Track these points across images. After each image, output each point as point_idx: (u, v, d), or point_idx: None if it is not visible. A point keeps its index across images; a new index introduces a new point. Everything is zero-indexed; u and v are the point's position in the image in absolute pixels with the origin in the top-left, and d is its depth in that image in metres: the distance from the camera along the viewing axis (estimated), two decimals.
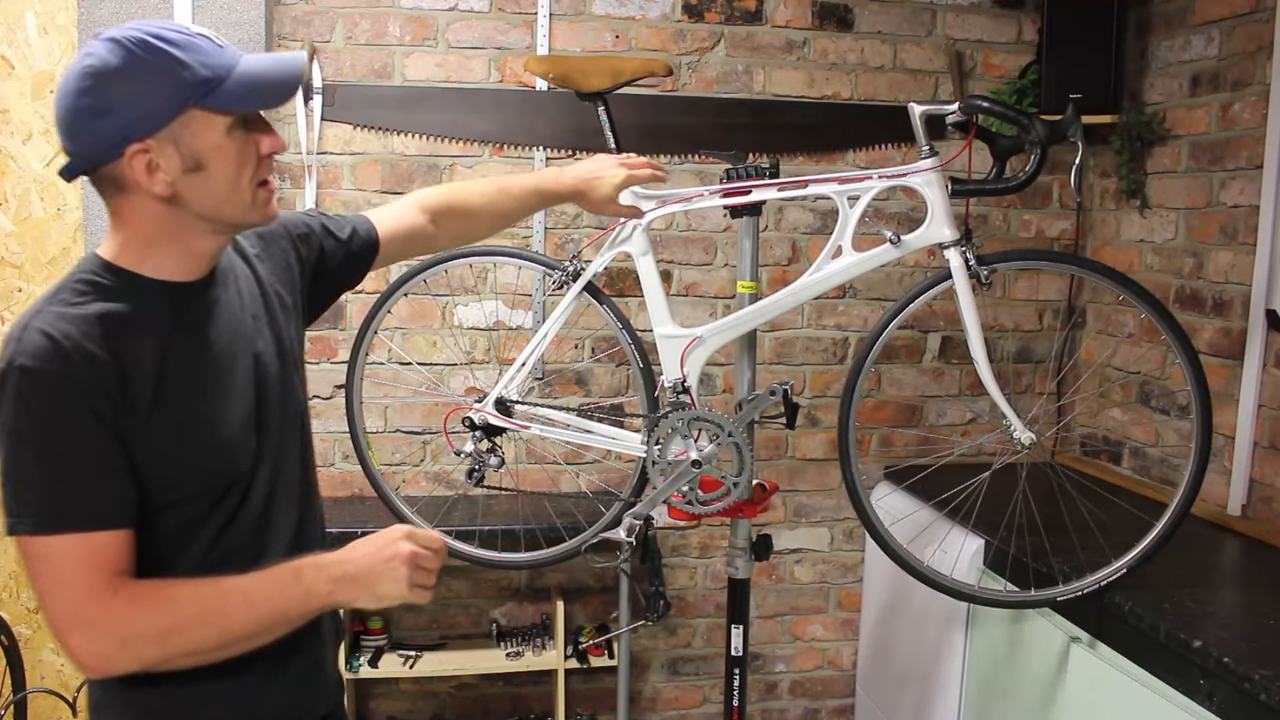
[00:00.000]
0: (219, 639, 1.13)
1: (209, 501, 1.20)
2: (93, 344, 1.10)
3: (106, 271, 1.17)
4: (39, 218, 2.50)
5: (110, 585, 1.09)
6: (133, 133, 1.10)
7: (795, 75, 2.79)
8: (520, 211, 1.76)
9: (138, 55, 1.10)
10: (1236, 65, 2.37)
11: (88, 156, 1.13)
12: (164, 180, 1.12)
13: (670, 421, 1.87)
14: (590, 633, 2.81)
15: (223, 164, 1.15)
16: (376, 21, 2.61)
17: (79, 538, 1.09)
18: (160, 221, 1.16)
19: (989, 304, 2.91)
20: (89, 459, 1.10)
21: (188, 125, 1.12)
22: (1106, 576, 1.87)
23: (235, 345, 1.24)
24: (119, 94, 1.10)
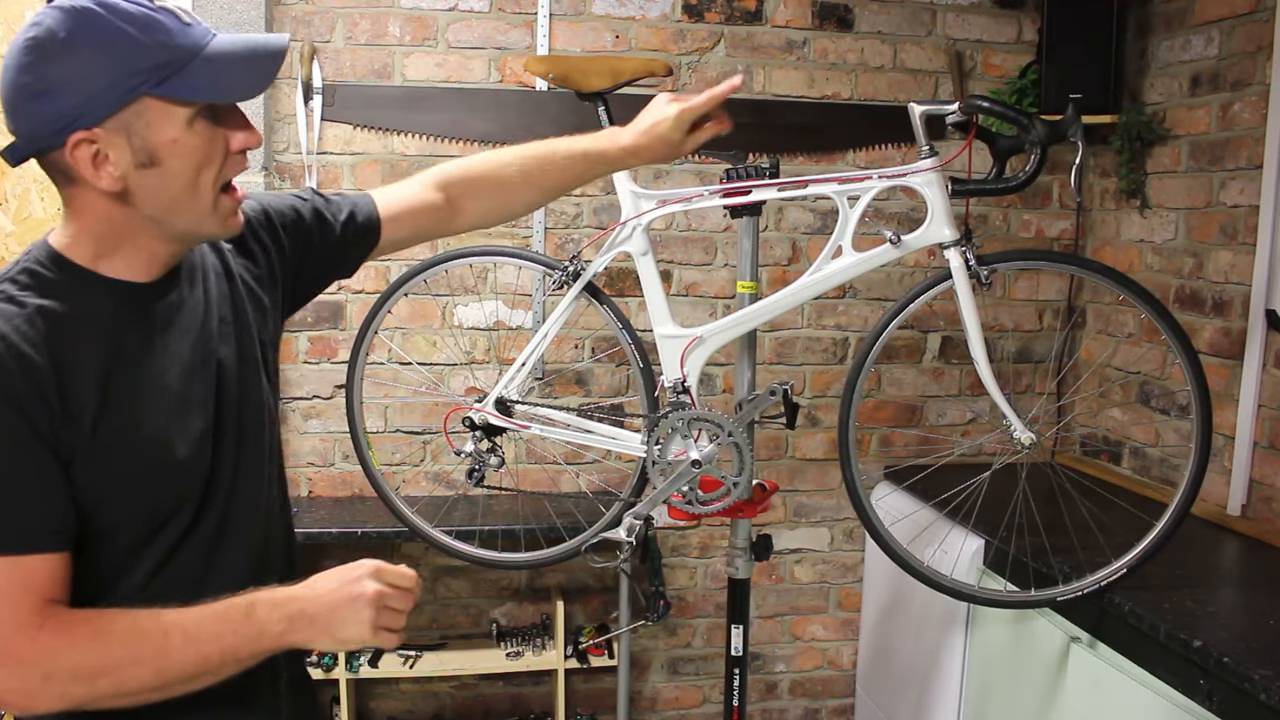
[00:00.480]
0: (155, 679, 1.00)
1: (155, 523, 1.08)
2: (29, 345, 0.97)
3: (54, 264, 1.03)
4: (39, 218, 2.50)
5: (38, 614, 0.97)
6: (77, 119, 0.96)
7: (795, 75, 2.79)
8: (567, 182, 1.51)
9: (85, 28, 0.95)
10: (1236, 65, 2.37)
11: (30, 140, 0.99)
12: (111, 174, 0.99)
13: (670, 421, 1.87)
14: (590, 633, 2.81)
15: (180, 161, 1.01)
16: (376, 21, 2.61)
17: (7, 561, 0.97)
18: (111, 219, 1.03)
19: (989, 304, 2.91)
20: (19, 474, 0.97)
21: (141, 114, 0.98)
22: (1106, 576, 1.87)
23: (195, 353, 1.11)
24: (62, 72, 0.95)
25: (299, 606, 1.04)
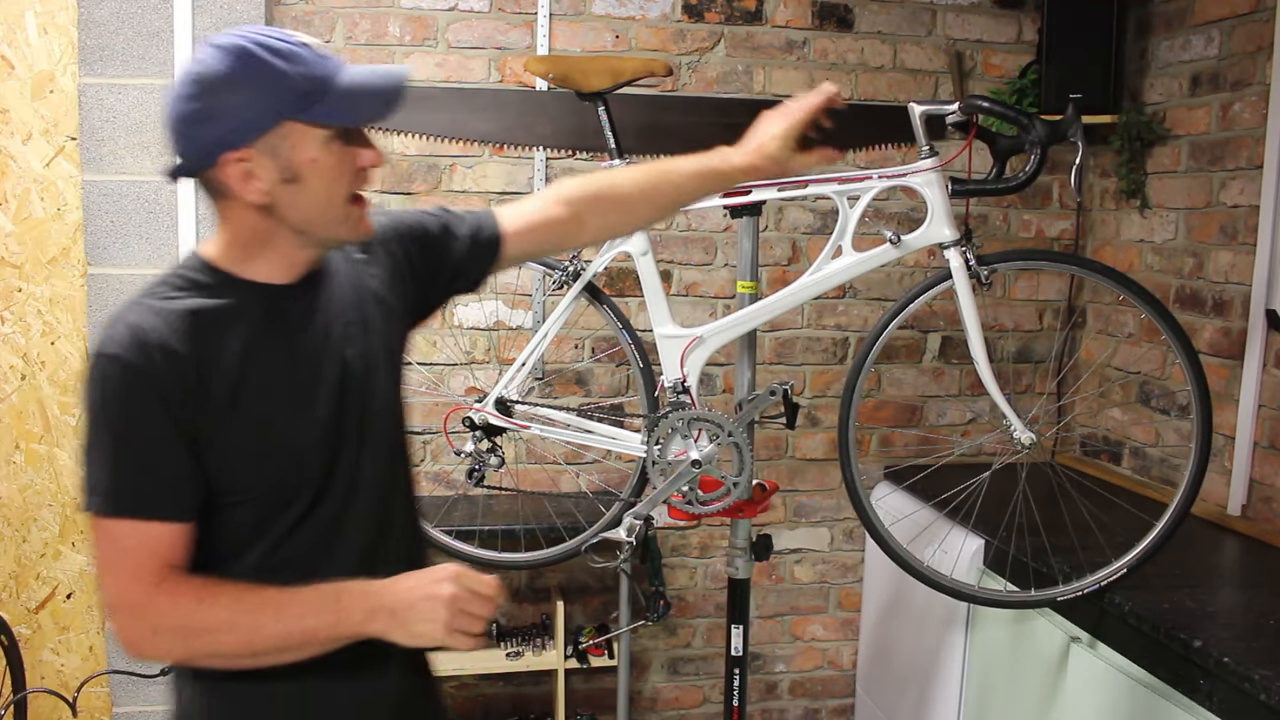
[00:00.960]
0: (246, 648, 1.13)
1: (276, 504, 1.19)
2: (176, 340, 1.11)
3: (204, 270, 1.18)
4: (39, 218, 2.50)
5: (157, 575, 1.11)
6: (230, 141, 1.11)
7: (795, 75, 2.79)
8: (682, 199, 1.57)
9: (241, 65, 1.10)
10: (1236, 65, 2.37)
11: (189, 161, 1.14)
12: (259, 189, 1.13)
13: (670, 421, 1.87)
14: (590, 633, 2.81)
15: (318, 177, 1.14)
16: (376, 21, 2.61)
17: (136, 525, 1.11)
18: (256, 229, 1.17)
19: (989, 304, 2.91)
20: (156, 451, 1.11)
21: (286, 137, 1.12)
22: (1106, 576, 1.87)
23: (324, 351, 1.22)
24: (220, 103, 1.10)
25: (380, 601, 1.14)
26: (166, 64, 2.41)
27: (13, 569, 2.59)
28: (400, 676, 1.30)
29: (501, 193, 2.70)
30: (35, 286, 2.52)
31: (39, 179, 2.49)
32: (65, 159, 2.49)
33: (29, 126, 2.47)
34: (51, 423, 2.56)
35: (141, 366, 1.10)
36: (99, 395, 1.11)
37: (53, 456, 2.57)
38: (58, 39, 2.45)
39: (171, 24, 2.40)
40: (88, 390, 1.12)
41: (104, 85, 2.41)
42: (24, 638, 2.59)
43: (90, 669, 2.62)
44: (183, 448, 1.12)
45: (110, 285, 2.45)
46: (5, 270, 2.51)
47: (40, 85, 2.46)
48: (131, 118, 2.42)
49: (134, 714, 2.58)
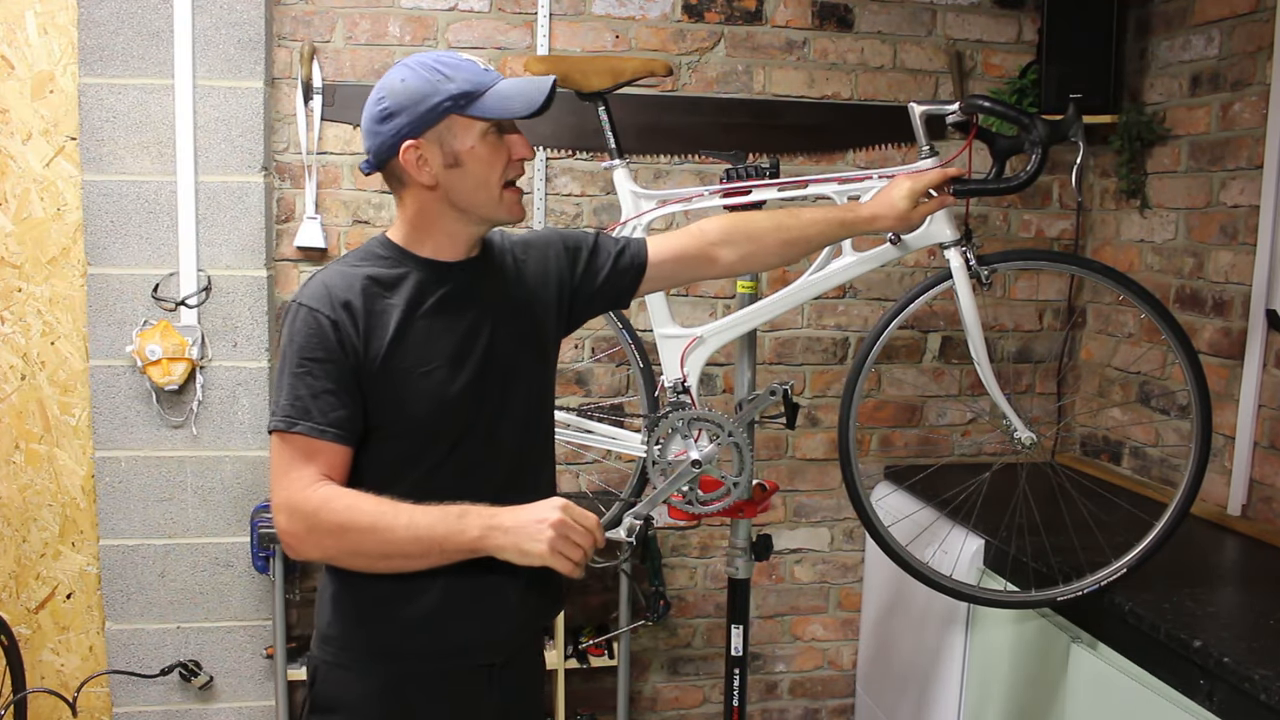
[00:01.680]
0: (382, 549, 1.33)
1: (419, 445, 1.41)
2: (354, 297, 1.38)
3: (386, 246, 1.45)
4: (39, 218, 2.50)
5: (317, 482, 1.34)
6: (408, 133, 1.36)
7: (795, 75, 2.79)
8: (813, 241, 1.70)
9: (418, 74, 1.37)
10: (1236, 65, 2.37)
11: (378, 153, 1.40)
12: (429, 172, 1.38)
13: (670, 421, 1.87)
14: (590, 633, 2.81)
15: (475, 163, 1.39)
16: (376, 21, 2.61)
17: (306, 441, 1.35)
18: (428, 208, 1.42)
19: (989, 304, 2.91)
20: (328, 382, 1.35)
21: (450, 128, 1.37)
22: (1106, 576, 1.87)
23: (477, 322, 1.45)
24: (401, 103, 1.36)
25: (497, 520, 1.34)
26: (166, 64, 2.41)
27: (13, 569, 2.59)
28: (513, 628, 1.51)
29: None
30: (35, 286, 2.52)
31: (39, 179, 2.49)
32: (65, 159, 2.49)
33: (29, 126, 2.47)
34: (51, 423, 2.56)
35: (325, 315, 1.36)
36: (290, 334, 1.38)
37: (53, 456, 2.57)
38: (58, 39, 2.45)
39: (171, 24, 2.40)
40: (284, 330, 1.39)
41: (104, 85, 2.41)
42: (24, 638, 2.59)
43: (90, 669, 2.62)
44: (350, 383, 1.36)
45: (110, 285, 2.45)
46: (5, 270, 2.51)
47: (40, 85, 2.46)
48: (131, 118, 2.42)
49: (134, 714, 2.58)
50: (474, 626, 1.46)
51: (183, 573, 2.56)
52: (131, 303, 2.46)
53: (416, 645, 1.44)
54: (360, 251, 1.46)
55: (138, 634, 2.56)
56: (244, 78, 2.45)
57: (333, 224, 2.64)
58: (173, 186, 2.45)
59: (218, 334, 2.52)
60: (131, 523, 2.53)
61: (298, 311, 1.38)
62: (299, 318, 1.38)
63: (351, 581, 1.43)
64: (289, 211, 2.62)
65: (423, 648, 1.44)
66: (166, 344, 2.43)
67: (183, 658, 2.57)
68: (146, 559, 2.54)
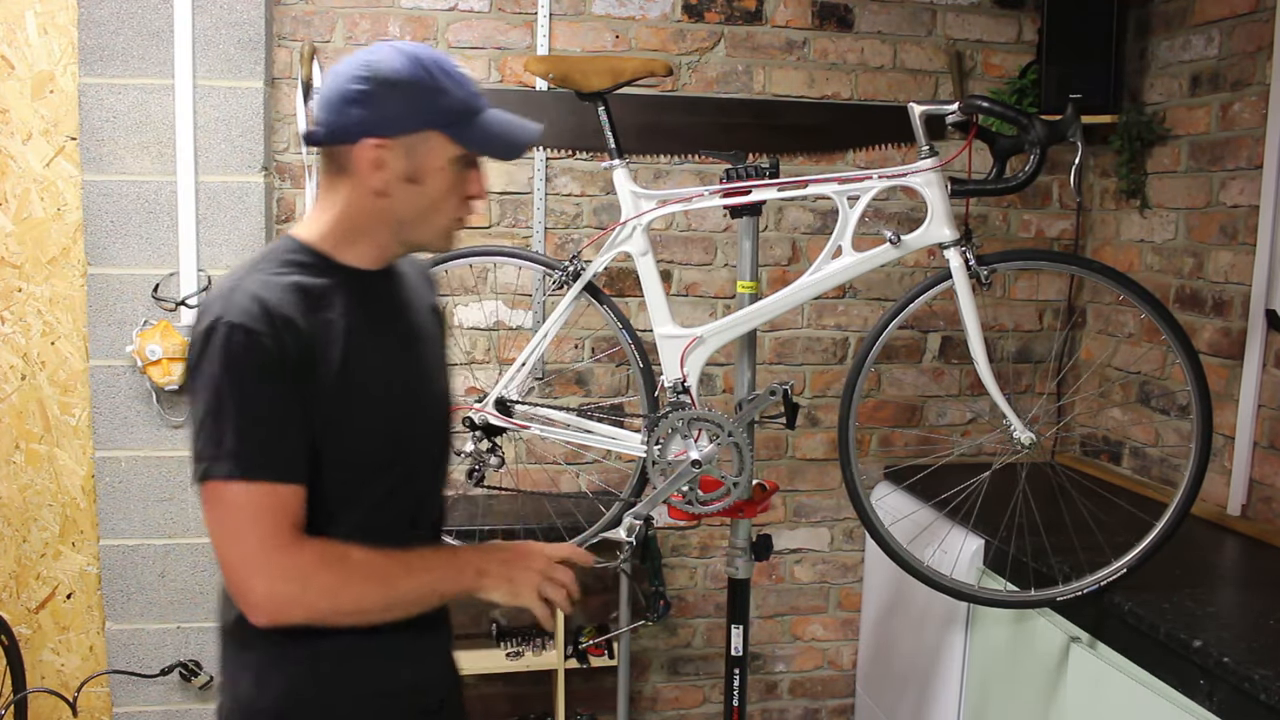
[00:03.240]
0: (383, 601, 1.22)
1: (370, 473, 1.28)
2: (294, 312, 1.19)
3: (303, 251, 1.27)
4: (39, 218, 2.50)
5: (293, 534, 1.17)
6: (377, 129, 1.21)
7: (795, 75, 2.79)
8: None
9: (413, 70, 1.22)
10: (1236, 65, 2.37)
11: (332, 132, 1.23)
12: (383, 179, 1.23)
13: (670, 421, 1.87)
14: (590, 633, 2.81)
15: (436, 186, 1.26)
16: (376, 21, 2.61)
17: (269, 488, 1.17)
18: (363, 213, 1.27)
19: (989, 304, 2.91)
20: (281, 415, 1.18)
21: (425, 142, 1.23)
22: (1106, 576, 1.87)
23: (406, 334, 1.35)
24: (383, 94, 1.21)
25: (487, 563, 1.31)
26: (166, 64, 2.41)
27: (13, 569, 2.59)
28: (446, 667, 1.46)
29: (502, 193, 2.70)
30: (35, 286, 2.52)
31: (39, 179, 2.49)
32: (65, 159, 2.49)
33: (29, 126, 2.47)
34: (51, 423, 2.56)
35: (268, 335, 1.16)
36: (224, 362, 1.16)
37: (53, 456, 2.57)
38: (58, 39, 2.45)
39: (171, 24, 2.40)
40: (211, 357, 1.16)
41: (104, 85, 2.41)
42: (24, 638, 2.59)
43: (90, 669, 2.62)
44: (300, 413, 1.19)
45: (110, 285, 2.45)
46: (5, 270, 2.51)
47: (40, 85, 2.46)
48: (131, 118, 2.42)
49: (134, 714, 2.58)
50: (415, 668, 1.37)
51: (183, 573, 2.56)
52: (131, 303, 2.46)
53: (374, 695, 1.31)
54: (274, 256, 1.26)
55: (138, 634, 2.56)
56: (244, 78, 2.45)
57: None
58: (173, 186, 2.45)
59: None
60: (132, 523, 2.52)
61: (230, 333, 1.15)
62: (233, 340, 1.15)
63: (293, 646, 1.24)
64: (289, 211, 2.62)
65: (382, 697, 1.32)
66: (167, 344, 2.43)
67: (183, 658, 2.57)
68: (147, 559, 2.54)
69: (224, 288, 1.21)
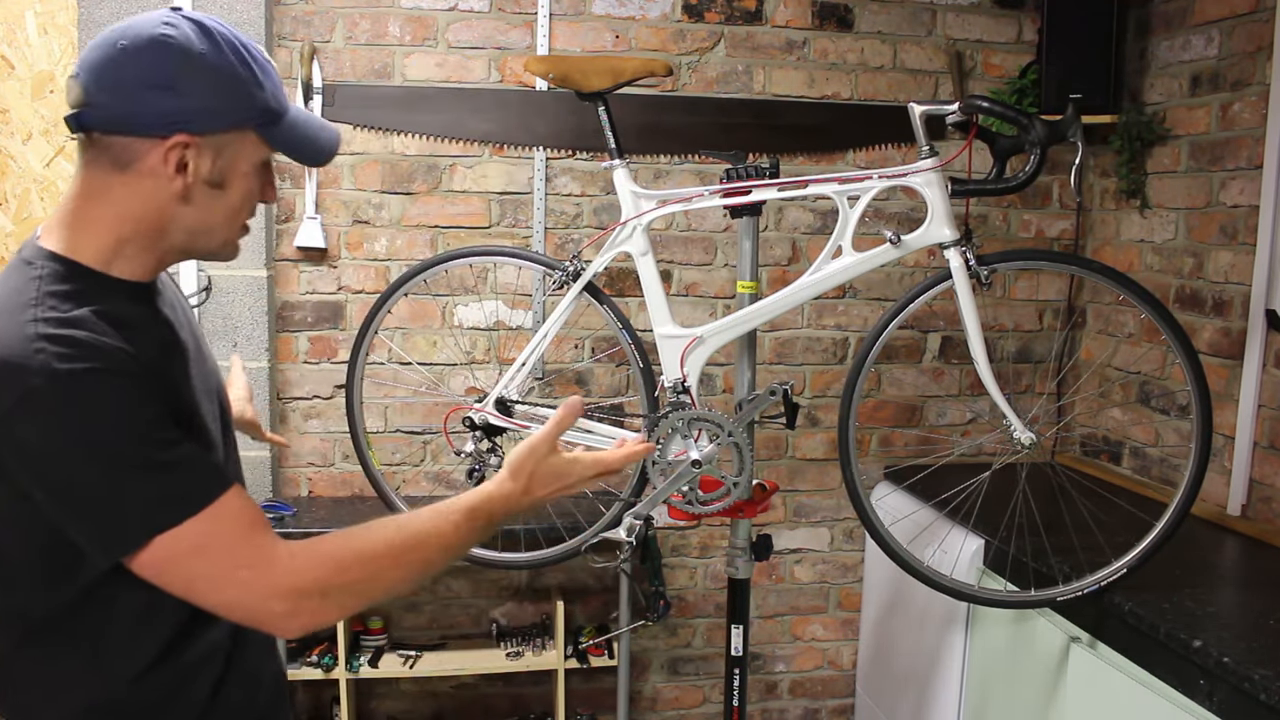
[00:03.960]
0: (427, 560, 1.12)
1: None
2: (110, 339, 0.99)
3: (74, 272, 1.04)
4: (39, 218, 2.50)
5: (273, 541, 1.04)
6: (187, 123, 1.03)
7: (795, 75, 2.79)
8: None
9: (225, 56, 1.04)
10: (1236, 65, 2.37)
11: (118, 120, 1.02)
12: (184, 181, 1.05)
13: (670, 421, 1.87)
14: (590, 633, 2.81)
15: (238, 191, 1.10)
16: (376, 21, 2.61)
17: (221, 504, 1.01)
18: (152, 218, 1.06)
19: (989, 304, 2.91)
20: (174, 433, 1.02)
21: (239, 141, 1.07)
22: (1106, 576, 1.87)
23: (197, 348, 1.21)
24: (192, 82, 1.02)
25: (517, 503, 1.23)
26: None
27: None
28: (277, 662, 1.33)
29: (502, 193, 2.70)
30: None
31: (39, 179, 2.49)
32: (65, 159, 2.48)
33: (29, 126, 2.47)
34: None
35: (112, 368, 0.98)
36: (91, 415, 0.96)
37: None
38: (58, 39, 2.45)
39: None
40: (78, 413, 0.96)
41: None
42: None
43: None
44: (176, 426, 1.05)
45: None
46: None
47: (40, 85, 2.46)
48: None
49: None
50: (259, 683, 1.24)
51: None
52: None
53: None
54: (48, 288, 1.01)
55: None
56: None
57: (332, 224, 2.64)
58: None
59: (218, 334, 2.52)
60: None
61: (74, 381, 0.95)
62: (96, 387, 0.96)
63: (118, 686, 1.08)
64: (289, 211, 2.62)
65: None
66: None
67: None
68: None
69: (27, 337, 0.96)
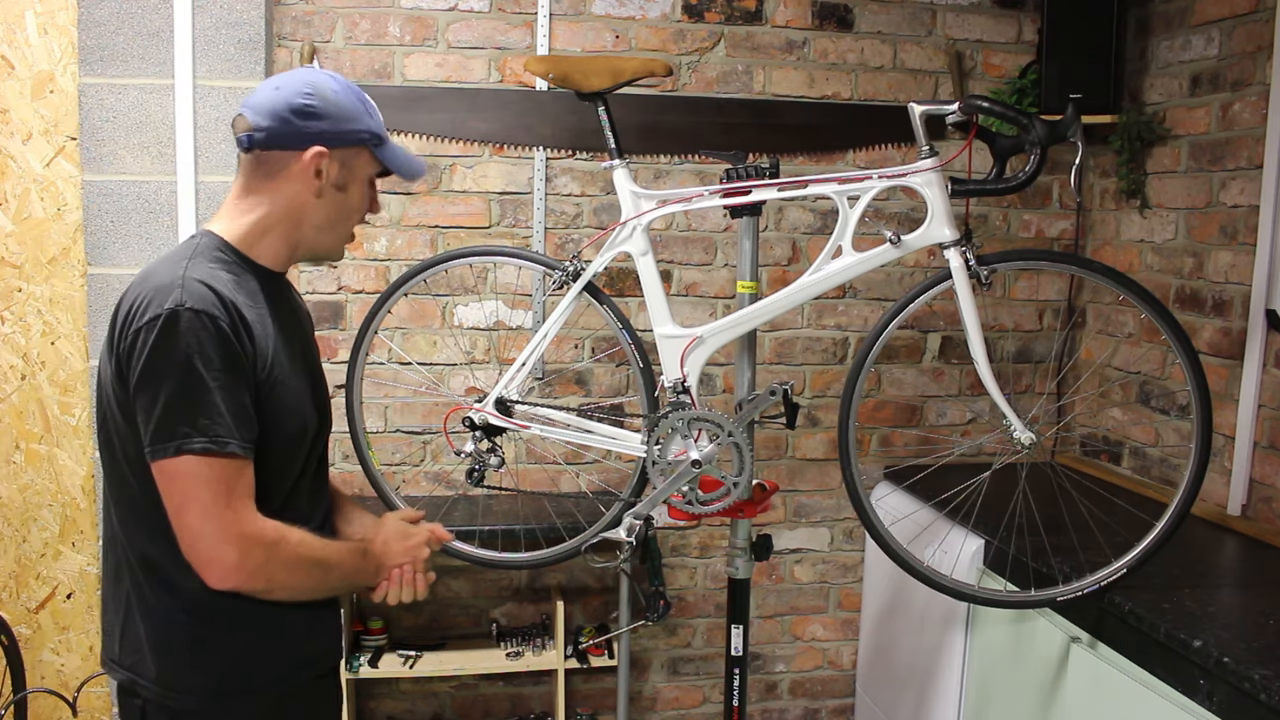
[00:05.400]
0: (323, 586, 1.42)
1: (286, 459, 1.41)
2: (235, 301, 1.32)
3: (224, 248, 1.39)
4: (39, 218, 2.50)
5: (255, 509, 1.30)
6: (326, 139, 1.39)
7: (795, 75, 2.79)
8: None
9: (348, 94, 1.42)
10: (1236, 65, 2.37)
11: (277, 141, 1.38)
12: (319, 183, 1.40)
13: (670, 421, 1.87)
14: (590, 633, 2.81)
15: (355, 196, 1.46)
16: (376, 21, 2.61)
17: (239, 464, 1.28)
18: (291, 213, 1.41)
19: (989, 304, 2.91)
20: (240, 394, 1.29)
21: (357, 157, 1.44)
22: (1106, 576, 1.87)
23: (300, 329, 1.51)
24: (331, 111, 1.39)
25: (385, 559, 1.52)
26: (166, 64, 2.41)
27: (13, 569, 2.59)
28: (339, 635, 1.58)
29: (502, 193, 2.70)
30: (35, 286, 2.52)
31: (39, 179, 2.49)
32: (65, 159, 2.49)
33: (29, 126, 2.47)
34: (51, 423, 2.56)
35: (227, 320, 1.28)
36: (194, 345, 1.25)
37: (53, 456, 2.57)
38: (58, 39, 2.45)
39: (171, 24, 2.40)
40: (177, 341, 1.25)
41: (104, 85, 2.41)
42: (24, 638, 2.58)
43: (90, 669, 2.62)
44: (251, 396, 1.31)
45: (110, 285, 2.45)
46: (5, 270, 2.51)
47: (40, 85, 2.46)
48: (131, 118, 2.42)
49: None
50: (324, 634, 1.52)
51: None
52: None
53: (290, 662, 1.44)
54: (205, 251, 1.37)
55: None
56: (244, 78, 2.45)
57: None
58: (173, 186, 2.45)
59: None
60: None
61: (190, 318, 1.26)
62: (191, 324, 1.26)
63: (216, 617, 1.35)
64: None
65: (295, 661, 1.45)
66: None
67: None
68: None
69: (165, 278, 1.30)
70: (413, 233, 2.68)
